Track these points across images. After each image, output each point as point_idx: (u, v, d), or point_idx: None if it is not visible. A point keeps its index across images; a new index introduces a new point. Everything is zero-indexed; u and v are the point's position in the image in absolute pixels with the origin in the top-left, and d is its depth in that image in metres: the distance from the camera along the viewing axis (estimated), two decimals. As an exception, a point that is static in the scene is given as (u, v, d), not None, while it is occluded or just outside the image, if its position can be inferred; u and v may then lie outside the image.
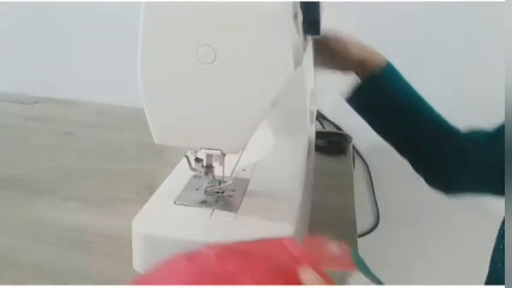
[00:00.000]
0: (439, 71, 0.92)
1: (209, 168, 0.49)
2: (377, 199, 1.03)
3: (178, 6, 0.38)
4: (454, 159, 0.58)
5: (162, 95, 0.42)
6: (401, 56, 0.95)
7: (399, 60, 0.95)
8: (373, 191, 1.03)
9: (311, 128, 0.65)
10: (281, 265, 0.33)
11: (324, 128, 1.00)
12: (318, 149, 0.81)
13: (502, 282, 0.41)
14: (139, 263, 0.47)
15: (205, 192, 0.51)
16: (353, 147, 0.98)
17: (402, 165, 0.68)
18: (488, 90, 0.89)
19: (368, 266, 0.42)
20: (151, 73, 0.41)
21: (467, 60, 0.90)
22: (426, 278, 1.05)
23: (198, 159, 0.48)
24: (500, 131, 0.57)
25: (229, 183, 0.51)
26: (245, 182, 0.54)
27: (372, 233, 1.04)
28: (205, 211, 0.48)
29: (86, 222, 0.61)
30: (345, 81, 0.95)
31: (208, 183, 0.51)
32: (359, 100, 0.64)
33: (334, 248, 0.36)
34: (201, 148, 0.45)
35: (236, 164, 0.58)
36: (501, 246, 0.46)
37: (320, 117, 0.99)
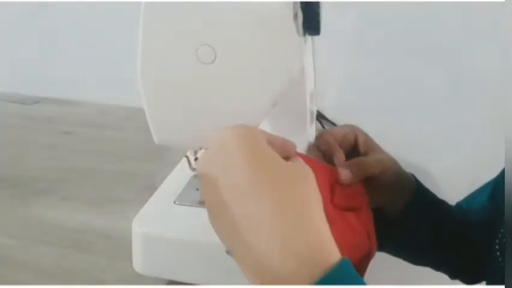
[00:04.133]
0: (439, 71, 0.92)
1: (209, 168, 0.49)
2: (377, 199, 1.03)
3: (178, 6, 0.38)
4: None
5: (162, 95, 0.42)
6: (401, 56, 0.96)
7: (399, 60, 0.95)
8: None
9: (311, 128, 0.65)
10: None
11: (324, 128, 1.00)
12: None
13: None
14: (139, 263, 0.47)
15: (205, 192, 0.51)
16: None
17: (402, 165, 0.68)
18: (488, 90, 0.89)
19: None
20: (151, 73, 0.41)
21: (467, 60, 0.90)
22: (426, 277, 1.05)
23: (198, 159, 0.48)
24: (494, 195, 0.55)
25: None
26: (245, 182, 0.54)
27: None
28: (205, 211, 0.48)
29: (86, 222, 0.61)
30: (345, 82, 0.95)
31: (208, 183, 0.51)
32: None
33: None
34: (201, 148, 0.45)
35: (236, 164, 0.58)
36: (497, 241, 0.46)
37: (320, 117, 0.99)
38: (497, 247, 0.45)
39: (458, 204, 0.60)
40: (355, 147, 0.50)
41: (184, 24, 0.39)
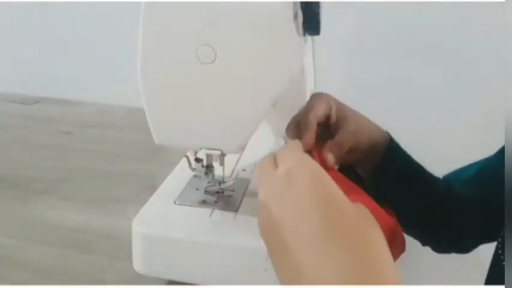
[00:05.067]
0: (439, 71, 0.92)
1: (209, 168, 0.49)
2: (377, 199, 1.03)
3: (178, 6, 0.38)
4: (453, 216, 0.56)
5: (162, 95, 0.42)
6: (401, 56, 0.96)
7: (399, 60, 0.95)
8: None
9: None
10: None
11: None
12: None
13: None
14: (139, 263, 0.47)
15: (205, 192, 0.51)
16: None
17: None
18: (488, 90, 0.89)
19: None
20: (151, 73, 0.41)
21: (467, 60, 0.90)
22: (426, 277, 1.05)
23: (198, 159, 0.48)
24: (481, 172, 0.57)
25: (229, 183, 0.51)
26: (245, 182, 0.54)
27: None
28: (205, 211, 0.48)
29: (86, 222, 0.61)
30: (345, 82, 0.95)
31: (208, 183, 0.51)
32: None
33: None
34: (201, 148, 0.45)
35: (236, 164, 0.58)
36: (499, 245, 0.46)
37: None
38: (499, 245, 0.45)
39: (446, 177, 0.61)
40: (328, 116, 0.50)
41: (184, 24, 0.39)
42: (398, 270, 0.30)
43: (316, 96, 0.50)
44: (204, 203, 0.50)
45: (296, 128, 0.48)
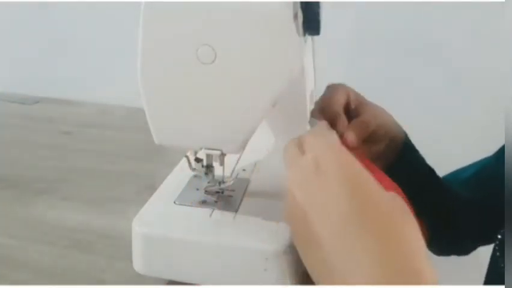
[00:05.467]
0: (439, 71, 0.92)
1: (209, 168, 0.49)
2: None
3: (178, 6, 0.38)
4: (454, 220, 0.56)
5: (162, 95, 0.42)
6: (401, 56, 0.96)
7: (399, 60, 0.95)
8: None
9: (311, 128, 0.65)
10: None
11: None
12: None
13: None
14: (139, 263, 0.47)
15: (205, 192, 0.51)
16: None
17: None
18: (488, 90, 0.89)
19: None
20: (151, 73, 0.41)
21: (467, 60, 0.90)
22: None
23: (198, 159, 0.48)
24: (477, 173, 0.57)
25: (229, 183, 0.51)
26: (245, 182, 0.54)
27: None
28: (205, 211, 0.48)
29: (86, 222, 0.61)
30: (345, 82, 0.95)
31: (208, 183, 0.51)
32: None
33: None
34: (201, 148, 0.45)
35: (236, 164, 0.58)
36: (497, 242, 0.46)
37: (320, 117, 0.99)
38: (496, 248, 0.45)
39: (444, 178, 0.61)
40: (346, 105, 0.50)
41: (184, 24, 0.39)
42: (432, 262, 0.28)
43: (334, 87, 0.50)
44: (204, 203, 0.50)
45: (321, 115, 0.47)
